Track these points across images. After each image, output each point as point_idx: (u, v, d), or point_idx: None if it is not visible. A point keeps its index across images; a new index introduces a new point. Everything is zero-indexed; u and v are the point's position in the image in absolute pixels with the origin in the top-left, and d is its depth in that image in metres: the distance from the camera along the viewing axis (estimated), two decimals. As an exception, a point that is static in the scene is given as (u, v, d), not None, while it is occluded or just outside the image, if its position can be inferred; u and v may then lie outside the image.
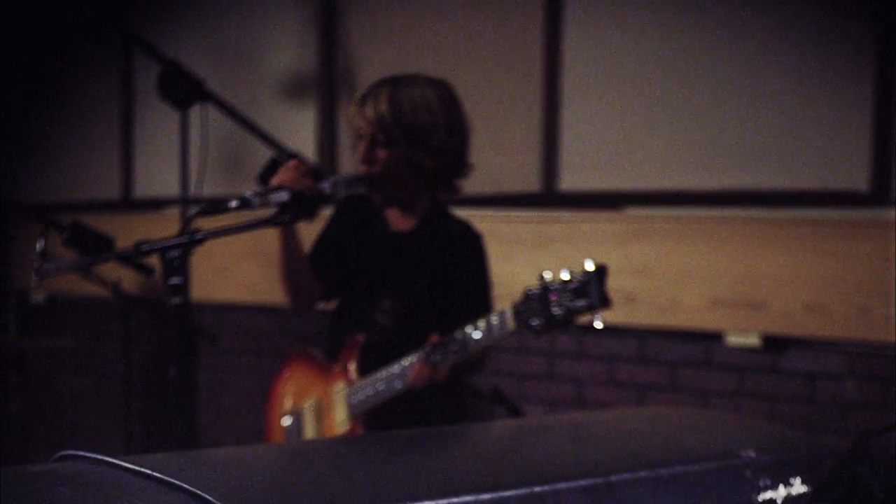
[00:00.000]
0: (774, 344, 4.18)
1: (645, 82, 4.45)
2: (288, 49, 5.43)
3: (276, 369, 5.54)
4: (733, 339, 4.23)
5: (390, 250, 3.23)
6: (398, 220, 3.26)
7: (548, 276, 2.77)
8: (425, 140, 3.10)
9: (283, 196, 3.02)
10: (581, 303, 2.70)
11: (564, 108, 4.61)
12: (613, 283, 4.53)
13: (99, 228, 4.58)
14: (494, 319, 2.86)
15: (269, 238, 3.32)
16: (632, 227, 4.44)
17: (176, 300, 2.99)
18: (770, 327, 4.14)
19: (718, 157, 4.30)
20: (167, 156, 5.88)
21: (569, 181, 4.63)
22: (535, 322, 2.76)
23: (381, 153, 3.12)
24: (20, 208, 4.36)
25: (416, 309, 3.16)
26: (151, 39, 4.95)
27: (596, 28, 4.54)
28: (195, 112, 4.91)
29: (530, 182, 4.62)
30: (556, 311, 2.73)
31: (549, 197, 4.65)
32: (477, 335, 2.89)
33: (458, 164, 3.18)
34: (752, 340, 4.18)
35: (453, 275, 3.17)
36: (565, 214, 4.58)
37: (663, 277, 4.33)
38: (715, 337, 4.30)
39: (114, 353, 6.14)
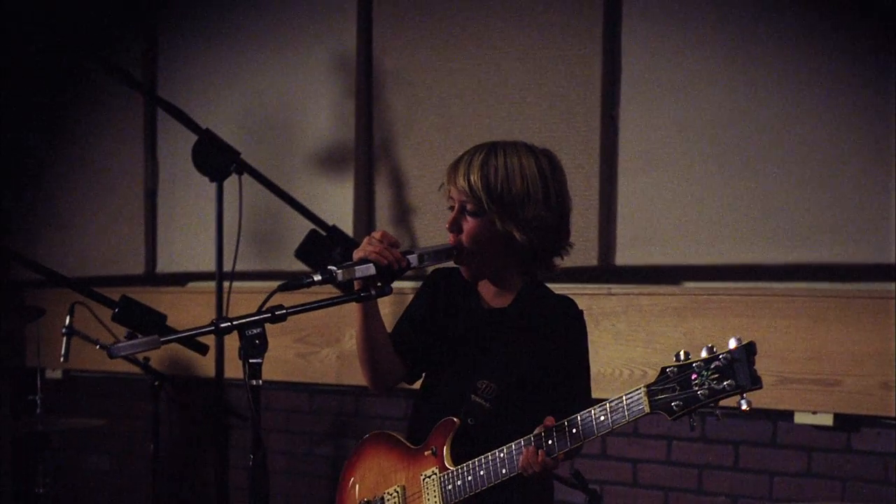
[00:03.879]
0: (846, 423, 4.03)
1: (704, 152, 4.32)
2: (325, 121, 5.28)
3: (310, 450, 5.39)
4: (803, 419, 4.07)
5: (485, 328, 3.05)
6: (492, 297, 3.10)
7: (682, 355, 2.60)
8: (517, 211, 2.94)
9: (370, 269, 2.88)
10: (728, 383, 2.52)
11: (620, 182, 4.48)
12: (672, 361, 4.41)
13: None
14: (625, 400, 2.65)
15: (301, 315, 3.11)
16: (692, 302, 4.29)
17: (256, 382, 2.85)
18: (842, 406, 3.99)
19: (783, 229, 4.17)
20: (192, 229, 5.74)
21: (625, 255, 4.49)
22: (674, 405, 2.58)
23: (470, 222, 2.98)
24: (64, 281, 4.20)
25: (515, 390, 2.97)
26: (183, 108, 4.82)
27: (653, 99, 4.42)
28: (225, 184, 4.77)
29: (588, 256, 4.47)
30: (698, 392, 2.55)
31: (604, 271, 4.50)
32: (602, 418, 2.69)
33: (555, 239, 3.03)
34: (824, 420, 4.03)
35: (555, 353, 2.99)
36: (621, 288, 4.44)
37: (726, 354, 4.17)
38: (781, 415, 4.15)
39: (136, 432, 5.94)
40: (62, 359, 4.82)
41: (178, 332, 2.86)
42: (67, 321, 4.84)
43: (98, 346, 4.79)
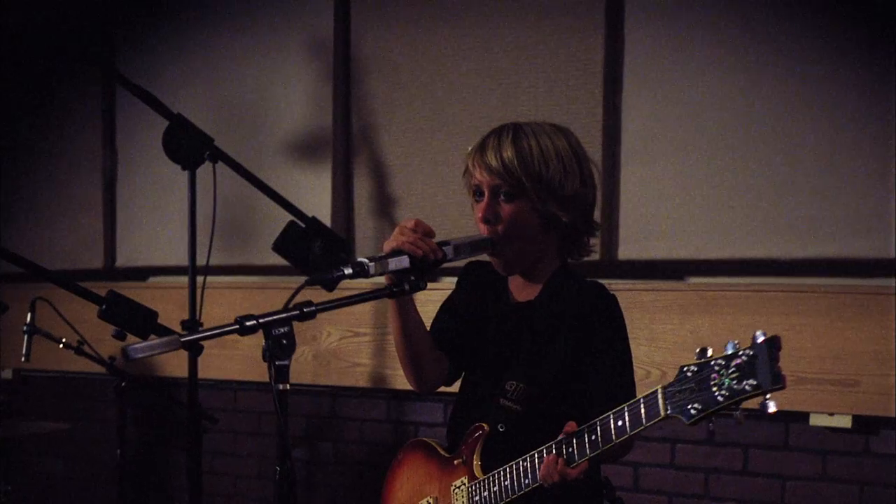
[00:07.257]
0: (865, 425, 3.87)
1: (711, 142, 4.13)
2: (300, 107, 5.01)
3: (273, 452, 5.10)
4: (819, 420, 3.91)
5: (512, 324, 2.85)
6: (519, 289, 2.89)
7: (709, 351, 2.33)
8: (557, 190, 2.73)
9: (404, 262, 2.64)
10: (749, 383, 2.21)
11: (623, 172, 4.28)
12: (680, 360, 4.21)
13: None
14: (641, 404, 2.41)
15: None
16: (698, 298, 4.11)
17: (283, 386, 2.66)
18: (861, 407, 3.83)
19: (795, 222, 3.98)
20: (154, 221, 5.46)
21: (628, 249, 4.28)
22: (692, 408, 2.31)
23: (507, 208, 2.75)
24: (45, 274, 3.91)
25: (545, 389, 2.76)
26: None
27: (658, 86, 4.21)
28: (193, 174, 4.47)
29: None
30: (717, 394, 2.26)
31: (607, 265, 4.30)
32: (619, 423, 2.45)
33: (590, 218, 2.83)
34: (842, 422, 3.86)
35: (588, 348, 2.76)
36: (623, 284, 4.24)
37: (737, 353, 4.00)
38: (794, 417, 3.98)
39: (97, 436, 5.65)
40: (23, 358, 4.53)
41: (200, 331, 2.60)
42: (29, 318, 4.55)
43: (62, 345, 4.53)
